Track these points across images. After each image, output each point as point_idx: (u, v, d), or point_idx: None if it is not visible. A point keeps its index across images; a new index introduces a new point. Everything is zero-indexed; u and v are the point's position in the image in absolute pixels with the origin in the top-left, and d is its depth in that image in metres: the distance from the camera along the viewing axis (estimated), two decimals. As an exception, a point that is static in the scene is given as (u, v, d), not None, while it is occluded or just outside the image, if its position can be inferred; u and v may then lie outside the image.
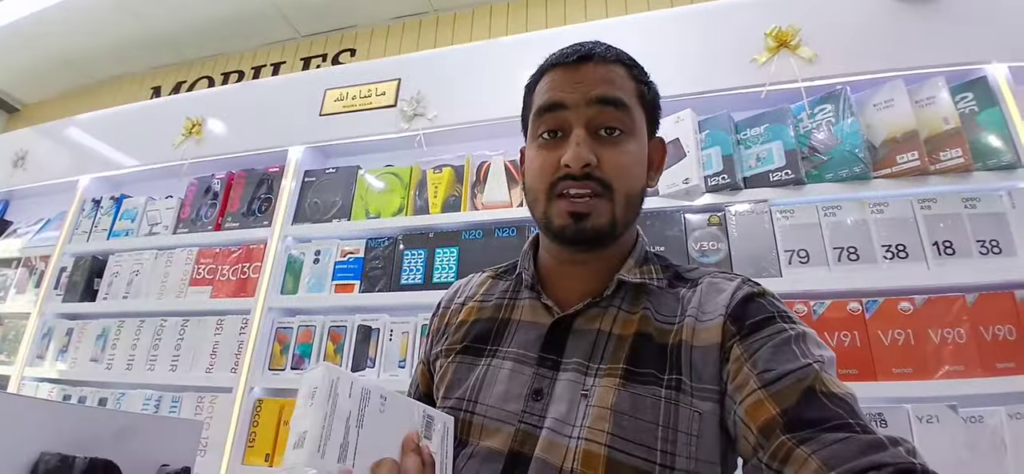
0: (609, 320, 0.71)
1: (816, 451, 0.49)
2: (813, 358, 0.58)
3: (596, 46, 0.74)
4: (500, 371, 0.73)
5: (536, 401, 0.68)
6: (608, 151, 0.69)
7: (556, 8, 2.87)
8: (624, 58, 0.76)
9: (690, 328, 0.67)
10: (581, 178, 0.68)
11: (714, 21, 1.88)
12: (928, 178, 1.53)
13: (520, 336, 0.75)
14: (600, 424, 0.62)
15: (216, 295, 2.14)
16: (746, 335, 0.63)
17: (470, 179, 1.99)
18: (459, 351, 0.79)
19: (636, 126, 0.73)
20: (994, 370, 1.36)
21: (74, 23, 3.34)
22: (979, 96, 1.56)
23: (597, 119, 0.70)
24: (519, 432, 0.66)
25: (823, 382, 0.55)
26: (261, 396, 1.93)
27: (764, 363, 0.59)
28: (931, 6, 1.65)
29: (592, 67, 0.72)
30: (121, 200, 2.53)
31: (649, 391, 0.64)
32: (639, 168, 0.73)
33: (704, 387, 0.63)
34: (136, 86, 3.83)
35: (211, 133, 2.47)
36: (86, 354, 2.25)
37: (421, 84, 2.15)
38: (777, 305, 0.67)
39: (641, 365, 0.66)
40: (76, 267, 2.44)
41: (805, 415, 0.53)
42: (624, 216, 0.71)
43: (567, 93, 0.71)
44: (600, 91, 0.70)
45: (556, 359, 0.70)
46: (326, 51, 3.35)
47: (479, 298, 0.86)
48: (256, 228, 2.18)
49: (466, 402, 0.72)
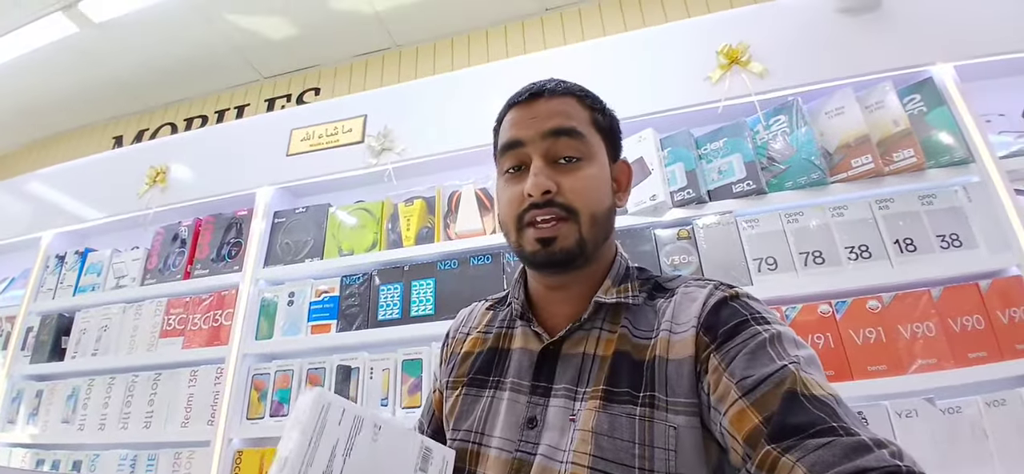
0: (592, 343, 0.74)
1: (801, 459, 0.50)
2: (789, 359, 0.58)
3: (548, 82, 0.78)
4: (502, 402, 0.76)
5: (530, 429, 0.70)
6: (567, 177, 0.72)
7: (515, 38, 2.92)
8: (575, 90, 0.79)
9: (664, 342, 0.69)
10: (544, 205, 0.71)
11: (667, 43, 1.93)
12: (884, 179, 1.58)
13: (514, 365, 0.78)
14: (584, 447, 0.64)
15: (188, 345, 2.09)
16: (721, 343, 0.63)
17: (442, 209, 1.99)
18: (466, 384, 0.82)
19: (593, 151, 0.75)
20: (966, 360, 1.40)
21: (32, 74, 3.28)
22: (927, 97, 1.62)
23: (553, 150, 0.74)
24: (515, 461, 0.69)
25: (804, 383, 0.55)
26: (240, 447, 1.88)
27: (742, 371, 0.59)
28: (874, 14, 1.72)
29: (544, 102, 0.76)
30: (86, 254, 2.47)
31: (625, 410, 0.65)
32: (600, 190, 0.75)
33: (679, 401, 0.64)
34: (97, 136, 3.76)
35: (176, 180, 2.44)
36: (57, 415, 2.18)
37: (387, 119, 2.15)
38: (751, 306, 0.67)
39: (618, 385, 0.67)
40: (43, 326, 2.37)
41: (788, 421, 0.53)
42: (592, 236, 0.73)
43: (523, 130, 0.75)
44: (553, 123, 0.74)
45: (547, 386, 0.73)
46: (290, 91, 3.34)
47: (482, 329, 0.89)
48: (227, 273, 2.15)
49: (474, 434, 0.76)
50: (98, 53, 3.16)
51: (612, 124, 0.82)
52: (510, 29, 2.96)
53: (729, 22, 1.87)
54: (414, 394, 1.77)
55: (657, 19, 2.65)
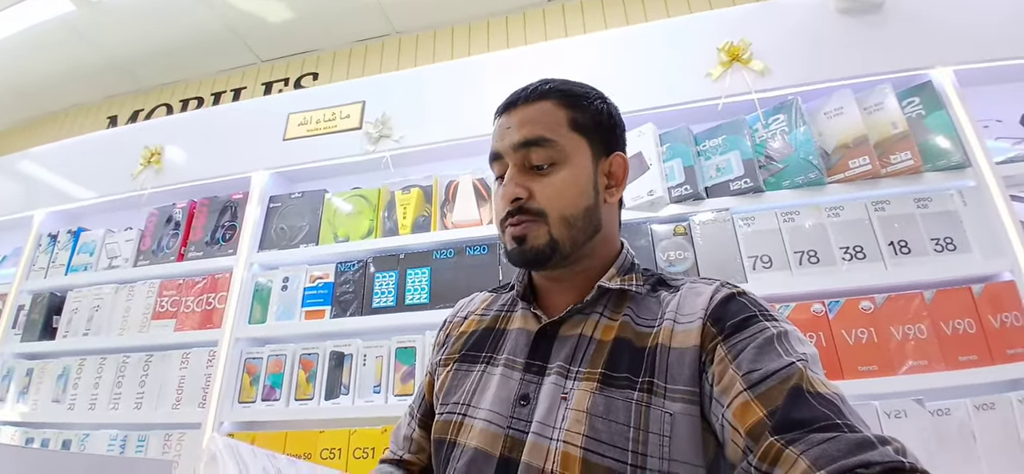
0: (591, 325, 0.75)
1: (805, 451, 0.50)
2: (797, 356, 0.59)
3: (523, 92, 0.81)
4: (492, 377, 0.76)
5: (523, 406, 0.71)
6: (539, 183, 0.76)
7: (516, 29, 2.91)
8: (553, 92, 0.80)
9: (668, 331, 0.69)
10: (516, 212, 0.76)
11: (668, 38, 1.93)
12: (880, 181, 1.59)
13: (510, 343, 0.80)
14: (577, 427, 0.65)
15: (181, 328, 2.09)
16: (728, 335, 0.64)
17: (439, 199, 1.99)
18: (457, 360, 0.84)
19: (566, 154, 0.77)
20: (957, 364, 1.41)
21: (26, 53, 3.24)
22: (925, 100, 1.62)
23: (526, 158, 0.77)
24: (508, 438, 0.69)
25: (810, 381, 0.56)
26: (231, 431, 1.89)
27: (749, 364, 0.60)
28: (875, 16, 1.73)
29: (517, 112, 0.80)
30: (79, 234, 2.45)
31: (623, 395, 0.66)
32: (574, 190, 0.76)
33: (678, 389, 0.64)
34: (92, 116, 3.72)
35: (171, 161, 2.42)
36: (47, 395, 2.17)
37: (386, 106, 2.14)
38: (759, 303, 0.68)
39: (618, 370, 0.68)
40: (34, 305, 2.36)
41: (793, 415, 0.53)
42: (566, 236, 0.75)
43: (500, 141, 0.80)
44: (522, 136, 0.77)
45: (542, 364, 0.74)
46: (288, 75, 3.31)
47: (480, 312, 0.91)
48: (221, 257, 2.14)
49: (460, 406, 0.76)
50: (94, 32, 3.12)
51: (599, 120, 0.81)
52: (511, 20, 2.94)
53: (731, 19, 1.87)
54: (407, 382, 1.77)
55: (659, 14, 2.64)
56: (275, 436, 1.81)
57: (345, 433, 1.74)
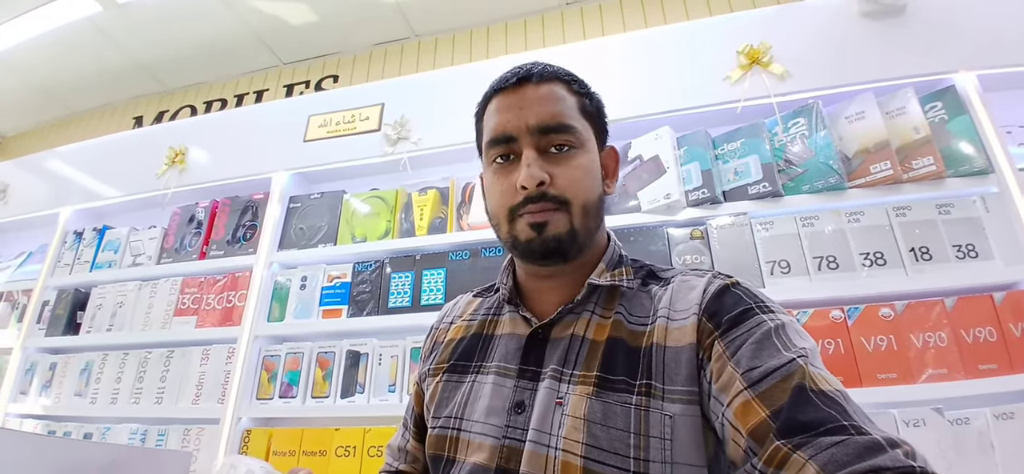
0: (582, 325, 0.72)
1: (813, 456, 0.48)
2: (797, 351, 0.57)
3: (534, 67, 0.76)
4: (484, 386, 0.74)
5: (519, 414, 0.68)
6: (560, 167, 0.71)
7: (535, 32, 2.92)
8: (562, 74, 0.77)
9: (662, 329, 0.67)
10: (537, 199, 0.70)
11: (687, 41, 1.92)
12: (902, 186, 1.56)
13: (500, 349, 0.77)
14: (575, 435, 0.63)
15: (201, 325, 2.12)
16: (725, 331, 0.62)
17: (455, 200, 2.00)
18: (446, 370, 0.81)
19: (583, 138, 0.74)
20: (977, 372, 1.39)
21: (54, 54, 3.33)
22: (948, 105, 1.60)
23: (547, 143, 0.72)
24: (504, 448, 0.67)
25: (812, 378, 0.54)
26: (249, 426, 1.91)
27: (748, 361, 0.58)
28: (898, 19, 1.70)
29: (532, 87, 0.74)
30: (104, 231, 2.51)
31: (620, 399, 0.64)
32: (592, 178, 0.74)
33: (676, 389, 0.63)
34: (118, 116, 3.81)
35: (194, 162, 2.47)
36: (70, 389, 2.22)
37: (404, 108, 2.16)
38: (754, 294, 0.66)
39: (614, 372, 0.66)
40: (59, 300, 2.41)
41: (798, 417, 0.51)
42: (584, 225, 0.72)
43: (512, 121, 0.73)
44: (544, 115, 0.72)
45: (536, 370, 0.71)
46: (309, 78, 3.36)
47: (466, 317, 0.88)
48: (241, 256, 2.17)
49: (453, 420, 0.73)
50: (120, 34, 3.20)
51: (599, 110, 0.80)
52: (529, 23, 2.96)
53: (750, 22, 1.86)
54: (422, 382, 1.78)
55: (678, 16, 2.63)
56: (292, 433, 1.83)
57: (360, 431, 1.76)
